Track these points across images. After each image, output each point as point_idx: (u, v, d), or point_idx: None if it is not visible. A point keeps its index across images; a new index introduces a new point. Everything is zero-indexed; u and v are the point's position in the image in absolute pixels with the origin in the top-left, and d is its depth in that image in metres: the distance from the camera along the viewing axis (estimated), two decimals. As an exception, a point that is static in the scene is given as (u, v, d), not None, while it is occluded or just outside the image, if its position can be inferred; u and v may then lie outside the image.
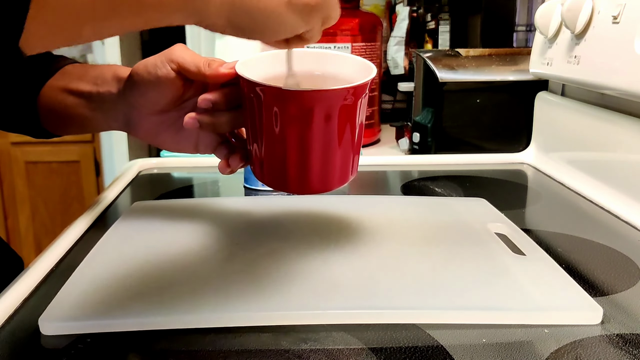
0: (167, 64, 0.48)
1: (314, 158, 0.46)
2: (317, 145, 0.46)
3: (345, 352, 0.37)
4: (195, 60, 0.48)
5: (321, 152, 0.46)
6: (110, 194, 0.71)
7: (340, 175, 0.49)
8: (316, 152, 0.46)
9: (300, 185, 0.47)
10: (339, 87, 0.44)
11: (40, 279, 0.47)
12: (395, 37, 1.17)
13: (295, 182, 0.47)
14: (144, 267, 0.46)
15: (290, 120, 0.44)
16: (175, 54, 0.48)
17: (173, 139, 0.53)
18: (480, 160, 0.87)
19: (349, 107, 0.45)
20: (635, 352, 0.37)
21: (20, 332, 0.40)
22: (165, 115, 0.52)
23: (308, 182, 0.47)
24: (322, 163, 0.47)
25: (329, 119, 0.45)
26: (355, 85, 0.45)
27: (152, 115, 0.52)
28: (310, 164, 0.46)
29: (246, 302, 0.41)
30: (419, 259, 0.48)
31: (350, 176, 0.50)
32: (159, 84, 0.49)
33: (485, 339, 0.38)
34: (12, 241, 2.09)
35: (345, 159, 0.48)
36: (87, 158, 2.05)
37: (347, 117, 0.46)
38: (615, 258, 0.52)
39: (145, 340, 0.38)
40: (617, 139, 0.66)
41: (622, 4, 0.62)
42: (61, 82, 0.56)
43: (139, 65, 0.49)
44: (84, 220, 0.60)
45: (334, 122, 0.45)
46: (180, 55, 0.48)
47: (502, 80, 0.89)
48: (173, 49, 0.49)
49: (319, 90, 0.44)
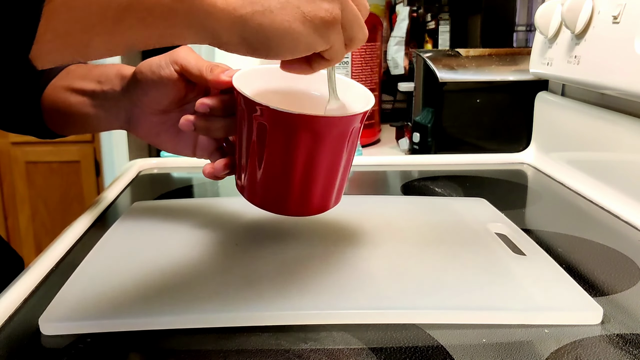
0: (171, 65, 0.49)
1: (318, 181, 0.46)
2: (322, 169, 0.46)
3: (345, 352, 0.37)
4: (198, 64, 0.48)
5: (324, 175, 0.46)
6: (110, 194, 0.71)
7: (337, 195, 0.49)
8: (320, 176, 0.46)
9: (299, 208, 0.47)
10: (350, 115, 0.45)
11: (40, 279, 0.47)
12: (395, 37, 1.17)
13: (295, 204, 0.47)
14: (144, 267, 0.46)
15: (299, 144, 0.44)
16: (179, 56, 0.49)
17: (172, 140, 0.54)
18: (480, 160, 0.87)
19: (354, 133, 0.46)
20: (635, 352, 0.37)
21: (20, 332, 0.40)
22: (166, 116, 0.53)
23: (308, 205, 0.47)
24: (324, 186, 0.47)
25: (339, 143, 0.45)
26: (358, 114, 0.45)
27: (153, 115, 0.52)
28: (314, 187, 0.46)
29: (246, 302, 0.41)
30: (419, 259, 0.48)
31: (341, 196, 0.50)
32: (161, 84, 0.49)
33: (485, 339, 0.38)
34: (12, 241, 2.09)
35: (342, 180, 0.48)
36: (87, 158, 2.05)
37: (352, 141, 0.46)
38: (615, 258, 0.52)
39: (145, 340, 0.38)
40: (617, 139, 0.66)
41: (622, 4, 0.62)
42: (65, 82, 0.57)
43: (144, 64, 0.50)
44: (84, 220, 0.60)
45: (341, 146, 0.45)
46: (184, 58, 0.49)
47: (502, 80, 0.89)
48: (178, 51, 0.49)
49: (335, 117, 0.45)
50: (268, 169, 0.45)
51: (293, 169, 0.45)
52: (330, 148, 0.45)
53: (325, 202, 0.48)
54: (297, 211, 0.48)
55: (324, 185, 0.47)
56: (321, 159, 0.45)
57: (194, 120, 0.48)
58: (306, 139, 0.43)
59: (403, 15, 1.16)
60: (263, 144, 0.45)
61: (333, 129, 0.44)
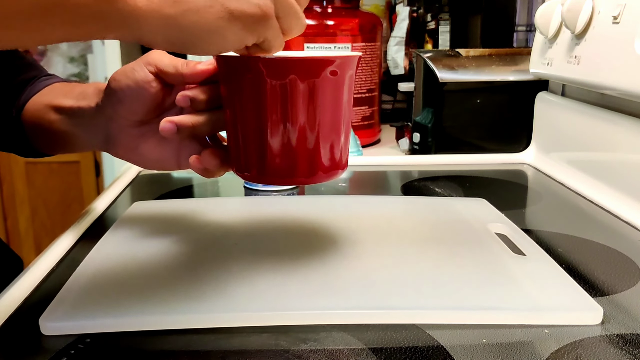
0: (145, 67, 0.47)
1: (324, 134, 0.44)
2: (326, 119, 0.44)
3: (345, 352, 0.37)
4: (173, 62, 0.47)
5: (329, 128, 0.44)
6: (110, 194, 0.71)
7: (345, 156, 0.47)
8: (325, 127, 0.44)
9: (310, 171, 0.45)
10: (349, 55, 0.44)
11: (40, 279, 0.47)
12: (396, 37, 1.17)
13: (305, 167, 0.44)
14: (144, 267, 0.46)
15: (299, 93, 0.42)
16: (153, 57, 0.47)
17: (153, 153, 0.50)
18: (480, 160, 0.87)
19: (350, 79, 0.44)
20: (635, 352, 0.36)
21: (20, 332, 0.40)
22: (144, 127, 0.49)
23: (318, 167, 0.45)
24: (330, 141, 0.45)
25: (338, 89, 0.43)
26: (354, 55, 0.44)
27: (130, 128, 0.49)
28: (321, 142, 0.44)
29: (246, 302, 0.41)
30: (419, 259, 0.48)
31: (348, 162, 0.48)
32: (137, 88, 0.47)
33: (485, 339, 0.38)
34: (12, 241, 2.09)
35: (347, 137, 0.46)
36: (87, 158, 2.05)
37: (349, 90, 0.45)
38: (615, 258, 0.52)
39: (145, 340, 0.38)
40: (617, 139, 0.66)
41: (622, 4, 0.62)
42: (46, 98, 0.55)
43: (117, 71, 0.48)
44: (84, 221, 0.60)
45: (341, 93, 0.44)
46: (158, 58, 0.47)
47: (502, 80, 0.89)
48: (150, 53, 0.47)
49: (336, 56, 0.43)
50: (273, 129, 0.43)
51: (297, 123, 0.43)
52: (330, 94, 0.43)
53: (335, 163, 0.46)
54: (309, 175, 0.45)
55: (331, 141, 0.45)
56: (324, 106, 0.43)
57: (176, 119, 0.45)
58: (304, 86, 0.42)
59: (403, 15, 1.16)
60: (259, 103, 0.43)
61: (334, 69, 0.42)
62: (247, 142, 0.45)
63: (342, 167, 0.47)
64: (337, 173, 0.47)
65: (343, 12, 0.98)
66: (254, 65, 0.42)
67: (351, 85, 0.46)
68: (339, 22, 0.97)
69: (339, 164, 0.47)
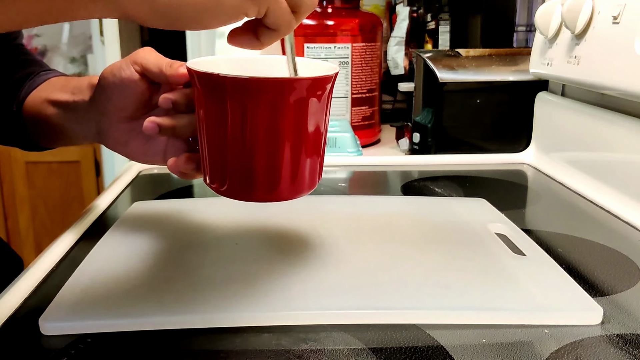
0: (131, 66, 0.47)
1: (286, 157, 0.43)
2: (289, 143, 0.42)
3: (345, 352, 0.37)
4: (158, 62, 0.46)
5: (293, 151, 0.43)
6: (110, 194, 0.71)
7: (310, 179, 0.45)
8: (288, 151, 0.42)
9: (268, 190, 0.43)
10: (313, 76, 0.41)
11: (40, 279, 0.47)
12: (396, 37, 1.17)
13: (264, 186, 0.43)
14: (144, 267, 0.46)
15: (261, 115, 0.40)
16: (139, 56, 0.47)
17: (141, 148, 0.51)
18: (480, 160, 0.87)
19: (319, 100, 0.42)
20: (635, 353, 0.37)
21: (20, 332, 0.40)
22: (133, 123, 0.50)
23: (278, 187, 0.43)
24: (293, 163, 0.43)
25: (302, 111, 0.41)
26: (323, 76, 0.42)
27: (120, 123, 0.50)
28: (282, 165, 0.43)
29: (246, 302, 0.41)
30: (419, 259, 0.48)
31: (318, 181, 0.46)
32: (123, 86, 0.47)
33: (485, 339, 0.38)
34: (12, 241, 2.09)
35: (314, 160, 0.45)
36: (87, 158, 2.05)
37: (317, 110, 0.43)
38: (615, 258, 0.52)
39: (145, 340, 0.38)
40: (617, 139, 0.66)
41: (622, 4, 0.62)
42: (44, 93, 0.56)
43: (106, 69, 0.48)
44: (84, 221, 0.60)
45: (305, 114, 0.42)
46: (143, 57, 0.47)
47: (502, 80, 0.89)
48: (137, 52, 0.48)
49: (295, 78, 0.42)
50: (232, 145, 0.42)
51: (256, 143, 0.42)
52: (293, 116, 0.41)
53: (298, 184, 0.44)
54: (266, 195, 0.44)
55: (291, 162, 0.43)
56: (284, 129, 0.41)
57: (158, 120, 0.46)
58: (264, 105, 0.40)
59: (403, 15, 1.16)
60: (220, 119, 0.42)
61: (292, 92, 0.40)
62: (210, 154, 0.44)
63: (304, 188, 0.45)
64: (299, 193, 0.45)
65: (343, 12, 0.98)
66: (216, 81, 0.40)
67: (321, 107, 0.43)
68: (339, 22, 0.97)
69: (302, 185, 0.45)
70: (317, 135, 0.44)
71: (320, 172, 0.46)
